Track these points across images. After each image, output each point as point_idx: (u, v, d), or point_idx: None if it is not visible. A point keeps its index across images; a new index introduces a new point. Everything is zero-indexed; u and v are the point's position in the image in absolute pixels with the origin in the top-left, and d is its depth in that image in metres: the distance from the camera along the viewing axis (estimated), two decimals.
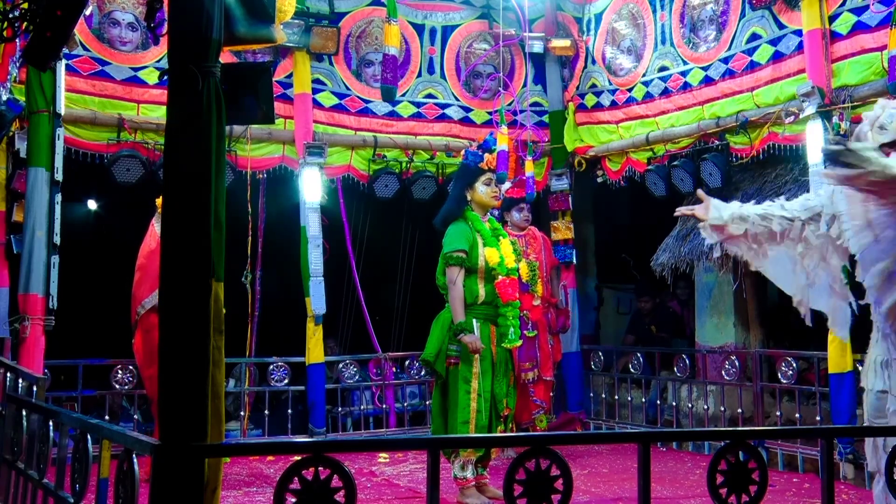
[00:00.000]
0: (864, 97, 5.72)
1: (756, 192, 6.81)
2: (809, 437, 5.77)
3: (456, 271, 5.18)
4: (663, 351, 7.96)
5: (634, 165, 7.62)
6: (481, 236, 5.32)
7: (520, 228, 7.05)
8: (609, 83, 7.79)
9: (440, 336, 5.21)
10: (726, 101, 6.75)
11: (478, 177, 5.38)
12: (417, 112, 7.74)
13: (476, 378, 5.12)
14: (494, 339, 5.25)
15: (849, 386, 5.76)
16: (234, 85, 2.72)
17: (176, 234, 2.46)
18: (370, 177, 7.46)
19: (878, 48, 5.67)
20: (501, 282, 5.26)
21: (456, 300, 5.17)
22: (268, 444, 4.17)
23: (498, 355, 5.26)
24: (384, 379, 7.62)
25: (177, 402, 2.36)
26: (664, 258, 7.32)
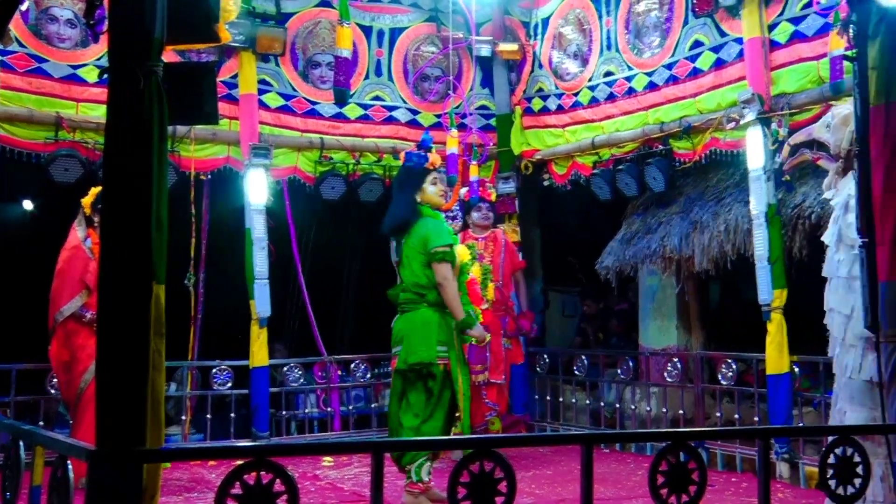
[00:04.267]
0: (802, 105, 5.86)
1: (698, 197, 6.94)
2: (747, 438, 5.88)
3: (448, 268, 5.02)
4: (607, 353, 8.05)
5: (580, 169, 7.69)
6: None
7: (481, 229, 7.07)
8: (555, 87, 7.86)
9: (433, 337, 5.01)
10: (670, 106, 6.85)
11: (424, 177, 5.26)
12: (365, 114, 7.71)
13: (460, 376, 5.06)
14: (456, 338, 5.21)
15: (786, 387, 5.89)
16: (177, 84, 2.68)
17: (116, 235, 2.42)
18: (317, 178, 7.42)
19: (815, 57, 5.81)
20: (471, 281, 5.26)
21: (455, 297, 5.00)
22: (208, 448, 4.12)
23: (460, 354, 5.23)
24: (329, 382, 7.57)
25: (115, 407, 2.32)
26: (609, 261, 7.40)
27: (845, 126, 4.10)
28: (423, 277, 5.07)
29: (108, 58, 2.48)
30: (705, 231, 6.57)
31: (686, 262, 6.82)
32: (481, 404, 6.79)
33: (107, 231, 2.43)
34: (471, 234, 6.62)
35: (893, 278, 3.13)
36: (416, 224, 5.13)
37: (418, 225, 5.12)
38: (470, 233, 6.68)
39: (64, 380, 5.63)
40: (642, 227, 7.27)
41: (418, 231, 5.10)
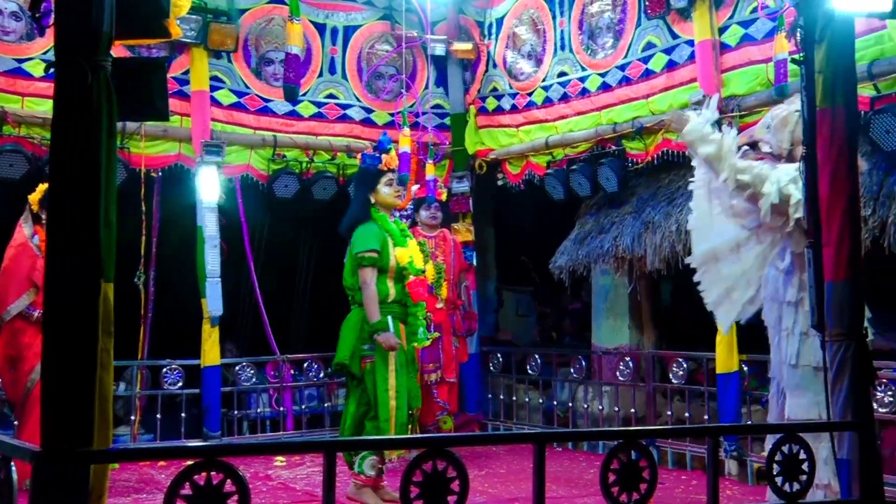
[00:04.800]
0: (751, 107, 5.96)
1: (651, 197, 7.02)
2: (697, 436, 5.96)
3: (369, 272, 5.16)
4: (560, 352, 8.10)
5: (534, 169, 7.73)
6: (391, 236, 5.32)
7: (430, 227, 7.08)
8: (510, 87, 7.89)
9: (352, 337, 5.17)
10: (623, 107, 6.91)
11: (379, 178, 5.39)
12: (318, 112, 7.66)
13: (393, 375, 5.12)
14: (405, 338, 5.26)
15: (735, 386, 5.98)
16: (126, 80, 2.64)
17: (63, 233, 2.38)
18: (270, 177, 7.36)
19: (764, 60, 5.91)
20: (413, 282, 5.28)
21: (371, 301, 5.13)
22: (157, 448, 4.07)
23: (409, 353, 5.27)
24: (282, 381, 7.52)
25: (61, 407, 2.28)
26: (562, 261, 7.45)
27: (785, 126, 4.22)
28: (349, 279, 5.28)
29: (54, 52, 2.44)
30: (657, 231, 6.64)
31: (638, 262, 6.89)
32: (432, 403, 6.79)
33: (53, 228, 2.39)
34: (420, 232, 6.62)
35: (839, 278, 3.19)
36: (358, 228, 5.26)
37: (357, 229, 5.27)
38: (419, 231, 6.69)
39: (9, 379, 5.52)
40: (595, 227, 7.33)
41: (354, 236, 5.27)
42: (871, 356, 3.20)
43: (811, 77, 3.22)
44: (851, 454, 3.13)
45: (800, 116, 4.13)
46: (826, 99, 3.18)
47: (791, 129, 4.18)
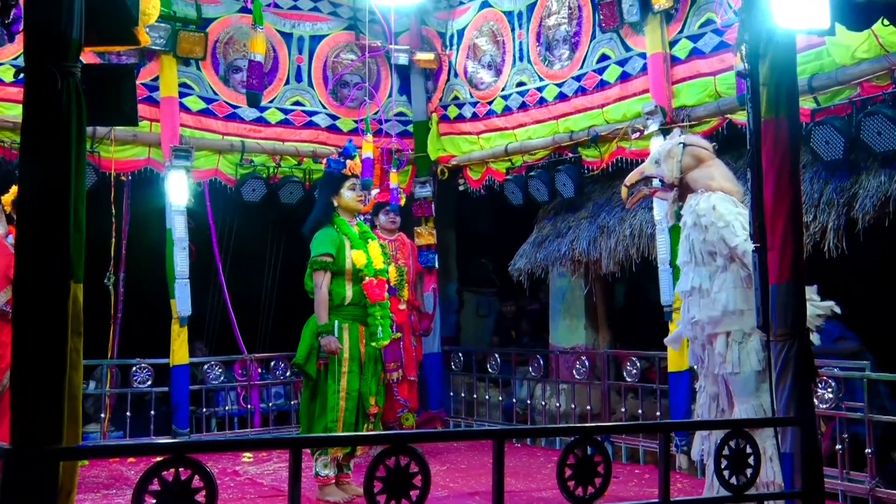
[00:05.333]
0: (700, 117, 6.04)
1: (606, 203, 7.07)
2: (650, 432, 6.02)
3: (321, 276, 5.17)
4: (519, 352, 8.14)
5: (494, 175, 7.76)
6: (349, 239, 5.31)
7: (388, 231, 7.07)
8: (470, 96, 7.91)
9: (311, 339, 5.17)
10: (579, 116, 6.96)
11: (342, 183, 5.39)
12: (285, 119, 7.63)
13: (344, 377, 5.11)
14: (363, 339, 5.25)
15: (685, 383, 6.04)
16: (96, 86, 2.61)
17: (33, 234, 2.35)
18: (237, 181, 7.31)
19: (712, 73, 5.99)
20: (368, 283, 5.27)
21: (320, 304, 5.15)
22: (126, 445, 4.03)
23: (367, 354, 5.25)
24: (249, 380, 7.47)
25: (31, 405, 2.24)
26: (521, 263, 7.48)
27: (672, 158, 4.45)
28: (308, 283, 5.28)
29: (24, 58, 2.40)
30: (612, 235, 6.70)
31: (594, 265, 6.94)
32: (393, 401, 6.78)
33: (23, 230, 2.36)
34: (379, 235, 6.62)
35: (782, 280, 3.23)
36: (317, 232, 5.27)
37: (315, 234, 5.27)
38: (379, 234, 6.68)
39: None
40: (553, 231, 7.38)
41: (313, 239, 5.28)
42: (812, 355, 3.25)
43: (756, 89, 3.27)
44: (794, 448, 3.18)
45: (683, 148, 4.34)
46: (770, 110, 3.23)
47: (678, 160, 4.40)
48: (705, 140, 4.72)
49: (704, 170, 4.36)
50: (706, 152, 4.45)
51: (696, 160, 4.40)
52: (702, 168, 4.37)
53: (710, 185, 4.28)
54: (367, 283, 5.28)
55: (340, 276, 5.22)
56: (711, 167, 4.38)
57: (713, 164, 4.41)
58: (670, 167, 4.40)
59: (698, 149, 4.45)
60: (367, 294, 5.28)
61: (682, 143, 4.47)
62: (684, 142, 4.49)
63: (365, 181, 6.44)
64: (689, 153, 4.42)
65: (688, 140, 4.55)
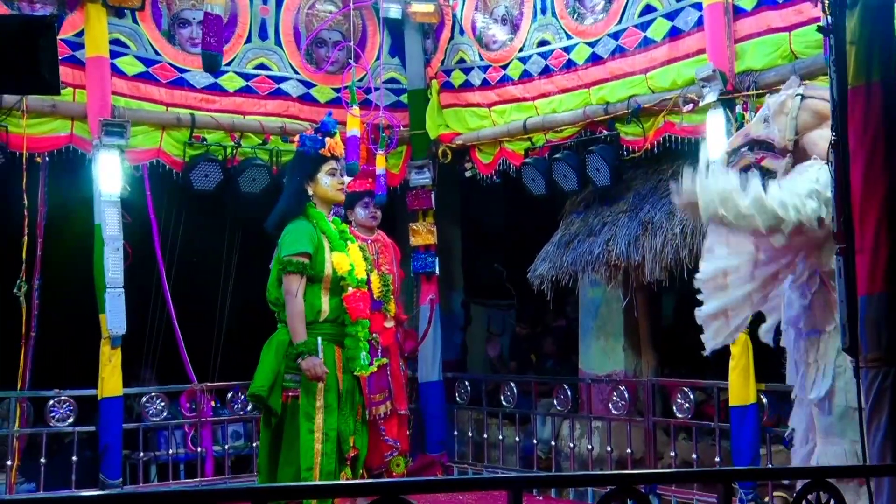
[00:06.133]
0: (771, 84, 5.99)
1: (650, 193, 7.07)
2: (707, 482, 5.99)
3: (296, 280, 5.16)
4: (541, 380, 8.12)
5: (509, 157, 7.76)
6: (328, 238, 5.31)
7: (367, 230, 7.06)
8: (480, 58, 7.90)
9: (274, 363, 5.15)
10: (616, 83, 6.95)
11: (319, 166, 5.38)
12: (246, 86, 7.61)
13: (320, 413, 5.09)
14: (340, 365, 5.24)
15: (751, 421, 6.03)
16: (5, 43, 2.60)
17: None
18: (186, 164, 7.30)
19: (787, 27, 5.96)
20: (351, 295, 5.26)
21: (295, 316, 5.13)
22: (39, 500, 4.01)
23: (344, 384, 5.24)
24: (200, 416, 7.45)
25: None
26: (543, 269, 7.48)
27: (784, 114, 4.26)
28: (273, 292, 5.27)
29: None
30: (658, 234, 6.69)
31: (635, 271, 6.93)
32: (380, 442, 6.77)
33: None
34: (357, 234, 6.62)
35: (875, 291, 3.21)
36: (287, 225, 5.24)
37: (285, 229, 5.24)
38: (356, 233, 6.68)
39: None
40: (583, 229, 7.37)
41: (281, 236, 5.26)
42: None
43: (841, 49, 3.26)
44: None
45: (801, 101, 4.20)
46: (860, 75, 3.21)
47: (793, 116, 4.23)
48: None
49: (826, 131, 4.10)
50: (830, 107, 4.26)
51: (817, 117, 4.23)
52: (824, 127, 4.10)
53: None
54: (349, 296, 5.27)
55: (316, 283, 5.21)
56: None
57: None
58: (782, 126, 4.25)
59: (821, 102, 4.21)
60: (349, 309, 5.27)
61: (801, 94, 4.32)
62: (803, 93, 4.32)
63: (350, 165, 6.45)
64: (809, 108, 4.24)
65: (808, 91, 4.37)
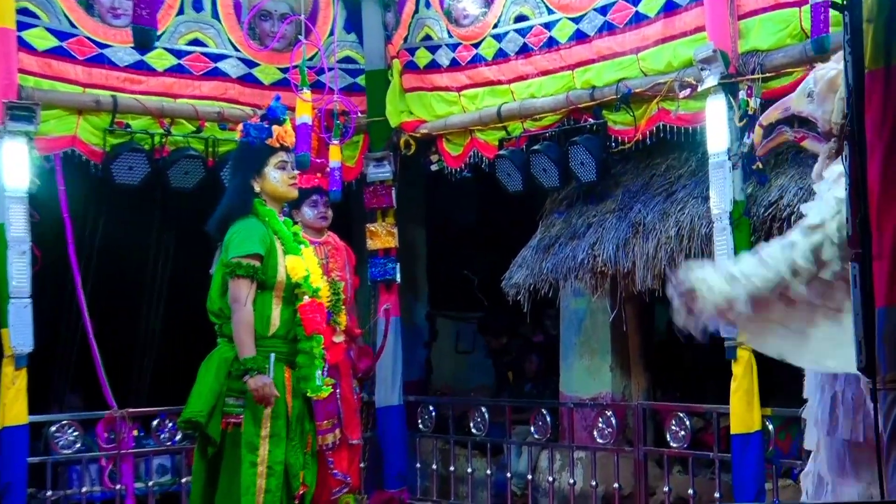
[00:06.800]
0: (779, 66, 6.03)
1: (641, 190, 7.08)
2: None
3: (246, 286, 5.12)
4: (516, 404, 8.12)
5: (482, 149, 7.76)
6: (281, 240, 5.29)
7: (316, 231, 7.04)
8: (448, 35, 7.90)
9: (215, 384, 5.12)
10: (604, 65, 6.97)
11: (266, 158, 5.37)
12: (178, 65, 7.57)
13: (265, 443, 5.06)
14: (290, 388, 5.22)
15: (755, 450, 6.03)
16: None
17: None
18: (106, 154, 7.23)
19: (797, 2, 5.99)
20: (307, 305, 5.24)
21: (244, 327, 5.10)
22: None
23: (294, 410, 5.22)
24: (120, 447, 7.39)
25: None
26: (519, 277, 7.47)
27: (833, 92, 4.21)
28: (216, 301, 5.24)
29: None
30: (650, 236, 6.71)
31: (624, 279, 6.93)
32: (327, 476, 6.73)
33: None
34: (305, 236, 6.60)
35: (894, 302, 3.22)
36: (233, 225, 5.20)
37: (231, 227, 5.21)
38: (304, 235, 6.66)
39: None
40: (565, 231, 7.38)
41: (227, 236, 5.23)
42: None
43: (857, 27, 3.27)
44: None
45: None
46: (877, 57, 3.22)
47: (843, 97, 4.17)
48: None
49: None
50: None
51: None
52: None
53: None
54: (304, 306, 5.26)
55: (267, 291, 5.19)
56: None
57: None
58: (829, 106, 4.16)
59: None
60: (304, 321, 5.26)
61: None
62: None
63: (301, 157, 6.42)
64: None
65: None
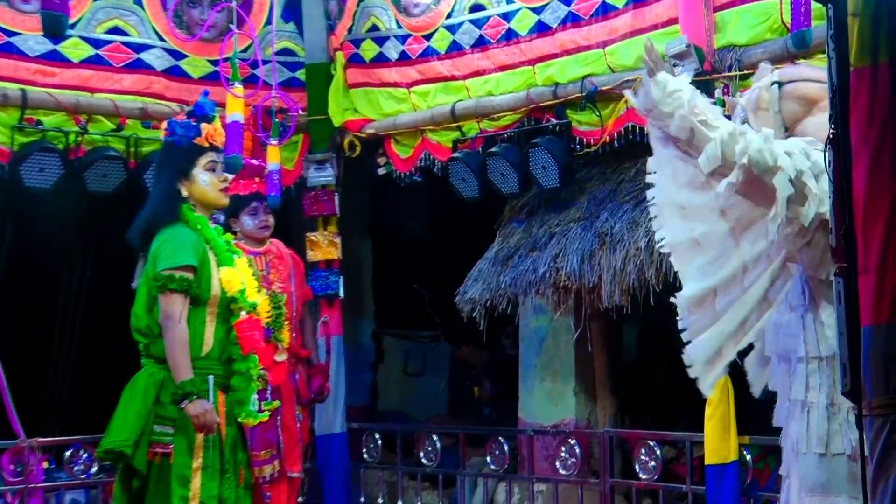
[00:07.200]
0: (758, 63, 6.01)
1: (609, 197, 7.11)
2: None
3: (179, 301, 5.07)
4: (470, 431, 8.11)
5: (434, 151, 7.78)
6: (213, 250, 5.27)
7: (256, 241, 7.01)
8: (397, 25, 7.91)
9: (142, 410, 5.06)
10: (568, 60, 7.01)
11: (194, 160, 5.34)
12: (95, 55, 7.54)
13: (198, 476, 5.03)
14: (224, 414, 5.19)
15: (731, 482, 6.08)
16: None
17: None
18: (14, 154, 7.20)
19: None
20: (243, 322, 5.22)
21: (179, 347, 5.05)
22: None
23: (228, 439, 5.20)
24: (28, 480, 7.32)
25: None
26: (475, 292, 7.47)
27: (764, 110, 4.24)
28: (143, 318, 5.17)
29: None
30: (618, 248, 6.73)
31: (589, 294, 6.95)
32: None
33: None
34: (243, 247, 6.57)
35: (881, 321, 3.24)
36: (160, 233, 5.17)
37: (158, 236, 5.17)
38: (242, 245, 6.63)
39: None
40: (525, 241, 7.40)
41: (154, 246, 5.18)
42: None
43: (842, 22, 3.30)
44: None
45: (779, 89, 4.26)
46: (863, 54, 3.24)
47: (776, 110, 4.26)
48: (815, 67, 4.54)
49: (819, 117, 4.08)
50: (816, 87, 4.24)
51: (805, 103, 4.20)
52: (816, 113, 4.14)
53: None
54: (240, 323, 5.23)
55: (200, 307, 5.16)
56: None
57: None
58: (766, 125, 4.17)
59: (805, 84, 4.23)
60: (240, 339, 5.24)
61: (777, 82, 4.29)
62: (779, 80, 4.30)
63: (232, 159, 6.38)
64: (791, 95, 4.19)
65: (784, 75, 4.35)
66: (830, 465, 4.09)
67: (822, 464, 4.11)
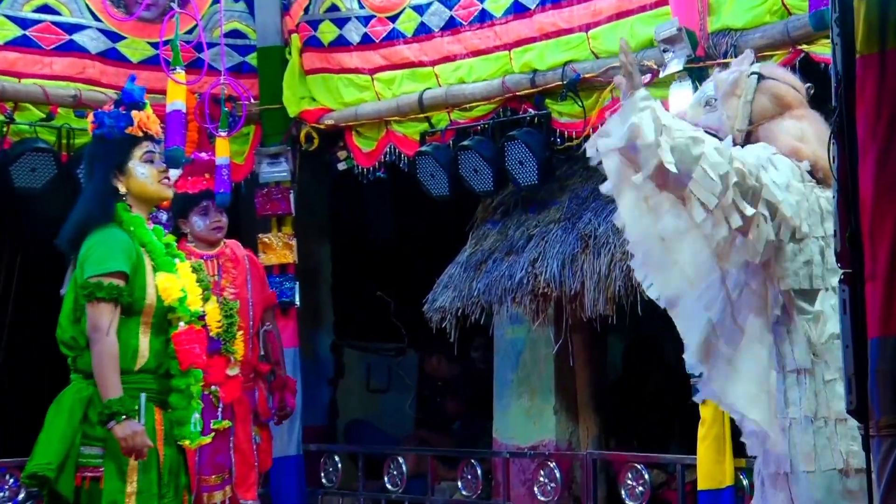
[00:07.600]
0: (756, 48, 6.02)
1: (592, 195, 7.12)
2: None
3: (108, 311, 5.00)
4: (439, 454, 8.11)
5: (399, 144, 7.78)
6: (150, 254, 5.23)
7: (208, 244, 6.97)
8: (360, 5, 7.91)
9: (68, 431, 5.03)
10: (547, 44, 7.03)
11: (128, 151, 5.26)
12: (23, 36, 7.54)
13: (132, 501, 4.99)
14: (162, 433, 5.16)
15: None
16: None
17: None
18: None
19: None
20: (183, 333, 5.19)
21: (108, 361, 4.99)
22: None
23: (166, 461, 5.17)
24: None
25: None
26: (445, 299, 7.48)
27: (736, 96, 4.35)
28: (68, 329, 5.11)
29: None
30: (602, 252, 6.74)
31: (571, 303, 6.96)
32: None
33: None
34: (192, 250, 6.53)
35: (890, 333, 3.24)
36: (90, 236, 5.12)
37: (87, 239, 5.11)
38: (191, 248, 6.58)
39: None
40: (500, 244, 7.40)
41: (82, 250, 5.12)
42: None
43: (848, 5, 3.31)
44: None
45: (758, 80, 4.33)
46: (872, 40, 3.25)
47: (749, 100, 4.32)
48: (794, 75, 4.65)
49: (789, 122, 4.27)
50: (795, 94, 4.39)
51: (778, 104, 4.33)
52: (787, 118, 4.29)
53: (800, 150, 4.24)
54: (179, 335, 5.20)
55: (133, 316, 5.13)
56: (803, 120, 4.35)
57: (806, 115, 4.37)
58: (733, 111, 4.34)
59: (783, 86, 4.38)
60: (179, 353, 5.20)
61: (757, 73, 4.41)
62: (760, 72, 4.42)
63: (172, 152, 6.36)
64: (769, 91, 4.33)
65: (766, 70, 4.48)
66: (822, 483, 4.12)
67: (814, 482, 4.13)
